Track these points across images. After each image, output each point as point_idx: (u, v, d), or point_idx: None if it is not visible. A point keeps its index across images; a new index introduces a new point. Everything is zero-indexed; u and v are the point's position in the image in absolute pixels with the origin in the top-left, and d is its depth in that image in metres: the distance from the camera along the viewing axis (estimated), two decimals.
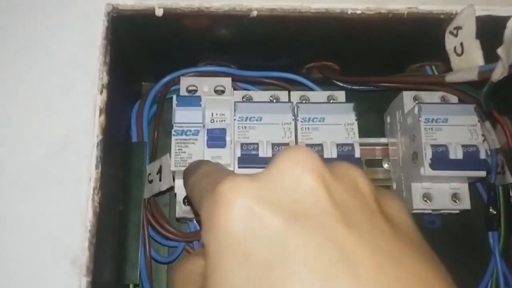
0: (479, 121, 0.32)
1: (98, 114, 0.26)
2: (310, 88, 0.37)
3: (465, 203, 0.34)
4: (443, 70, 0.34)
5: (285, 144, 0.32)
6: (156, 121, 0.36)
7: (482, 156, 0.32)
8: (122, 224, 0.32)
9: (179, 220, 0.35)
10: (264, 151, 0.32)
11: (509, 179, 0.34)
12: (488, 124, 0.32)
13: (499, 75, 0.26)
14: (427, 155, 0.31)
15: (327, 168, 0.16)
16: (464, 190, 0.34)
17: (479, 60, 0.28)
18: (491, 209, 0.34)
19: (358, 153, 0.32)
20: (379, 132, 0.39)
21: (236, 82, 0.36)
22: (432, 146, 0.32)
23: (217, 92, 0.35)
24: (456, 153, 0.31)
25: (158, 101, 0.36)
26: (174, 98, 0.33)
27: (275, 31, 0.31)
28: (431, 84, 0.34)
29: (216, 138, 0.32)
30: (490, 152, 0.32)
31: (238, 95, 0.35)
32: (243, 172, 0.31)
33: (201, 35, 0.31)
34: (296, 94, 0.35)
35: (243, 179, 0.16)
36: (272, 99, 0.35)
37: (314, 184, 0.15)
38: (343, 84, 0.36)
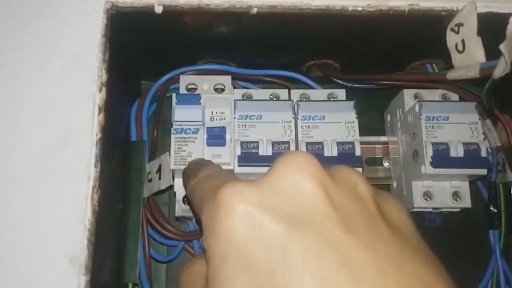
0: (480, 119, 0.32)
1: (97, 113, 0.26)
2: (310, 86, 0.37)
3: (465, 202, 0.33)
4: (443, 67, 0.34)
5: (285, 143, 0.32)
6: (155, 119, 0.36)
7: (483, 154, 0.31)
8: (121, 223, 0.32)
9: (179, 219, 0.35)
10: (264, 150, 0.31)
11: (509, 177, 0.34)
12: (489, 122, 0.32)
13: (501, 72, 0.26)
14: (428, 153, 0.31)
15: (327, 172, 0.16)
16: (464, 188, 0.34)
17: (481, 57, 0.28)
18: (491, 207, 0.34)
19: (358, 151, 0.32)
20: (379, 130, 0.39)
21: (236, 80, 0.36)
22: (433, 144, 0.31)
23: (217, 90, 0.35)
24: (457, 151, 0.31)
25: (158, 99, 0.36)
26: (174, 97, 0.33)
27: (275, 29, 0.31)
28: (432, 82, 0.34)
29: (216, 137, 0.32)
30: (491, 150, 0.32)
31: (238, 93, 0.35)
32: (243, 170, 0.31)
33: (201, 32, 0.31)
34: (296, 92, 0.35)
35: (244, 185, 0.16)
36: (272, 97, 0.35)
37: (313, 190, 0.15)
38: (343, 82, 0.36)
